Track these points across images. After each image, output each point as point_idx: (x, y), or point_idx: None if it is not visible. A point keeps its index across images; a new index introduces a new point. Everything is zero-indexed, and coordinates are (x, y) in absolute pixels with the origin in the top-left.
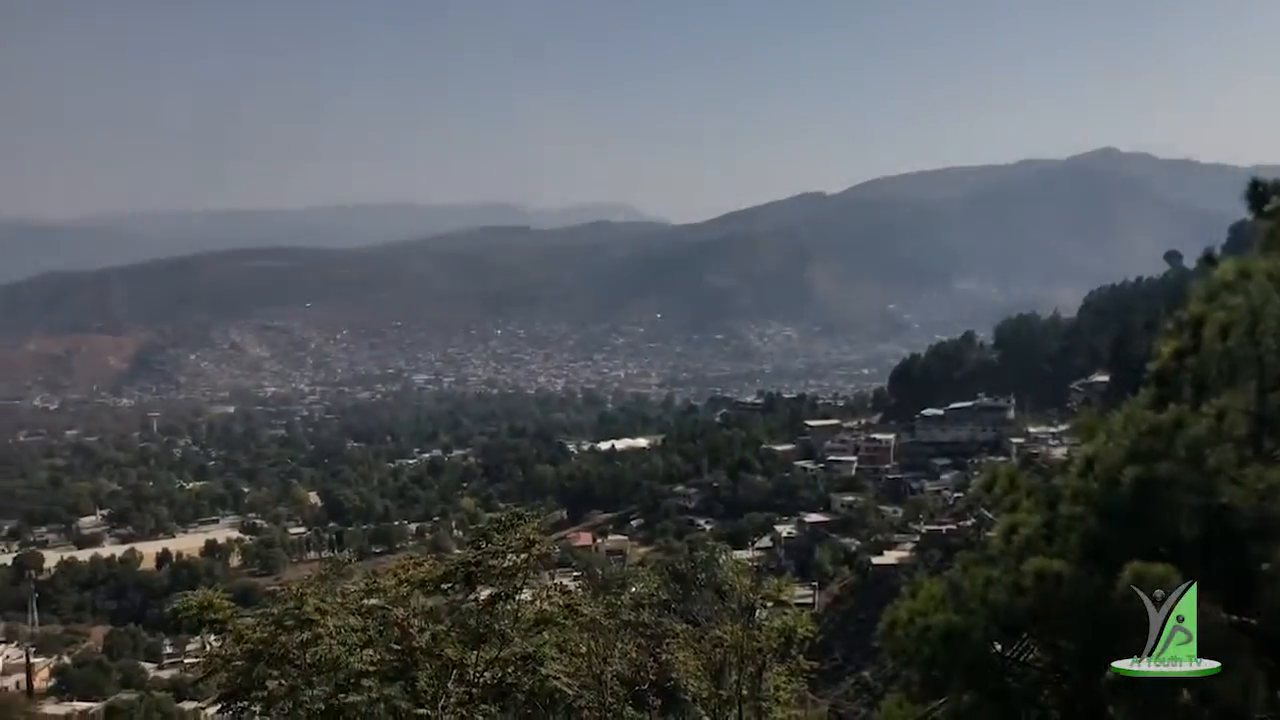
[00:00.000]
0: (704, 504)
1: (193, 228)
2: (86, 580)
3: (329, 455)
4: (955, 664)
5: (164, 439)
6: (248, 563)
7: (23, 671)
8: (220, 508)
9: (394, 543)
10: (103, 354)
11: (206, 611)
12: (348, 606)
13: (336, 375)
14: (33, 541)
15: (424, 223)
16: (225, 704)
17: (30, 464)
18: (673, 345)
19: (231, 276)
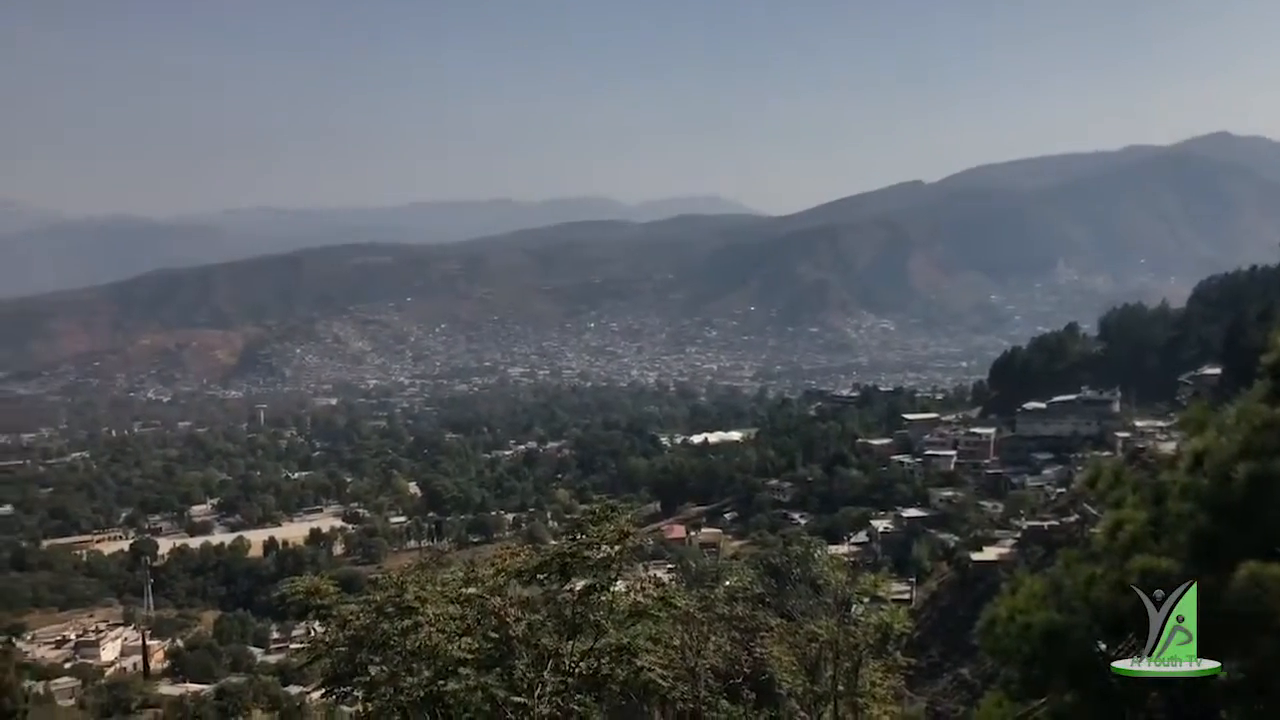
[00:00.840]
0: (798, 498)
1: (296, 225)
2: (198, 567)
3: (428, 446)
4: (1057, 663)
5: (271, 430)
6: (350, 551)
7: (140, 653)
8: (324, 497)
9: (491, 533)
10: (212, 348)
11: (312, 598)
12: (447, 595)
13: (435, 368)
14: (148, 529)
15: (518, 218)
16: (329, 689)
17: (145, 454)
18: (766, 338)
19: (334, 272)
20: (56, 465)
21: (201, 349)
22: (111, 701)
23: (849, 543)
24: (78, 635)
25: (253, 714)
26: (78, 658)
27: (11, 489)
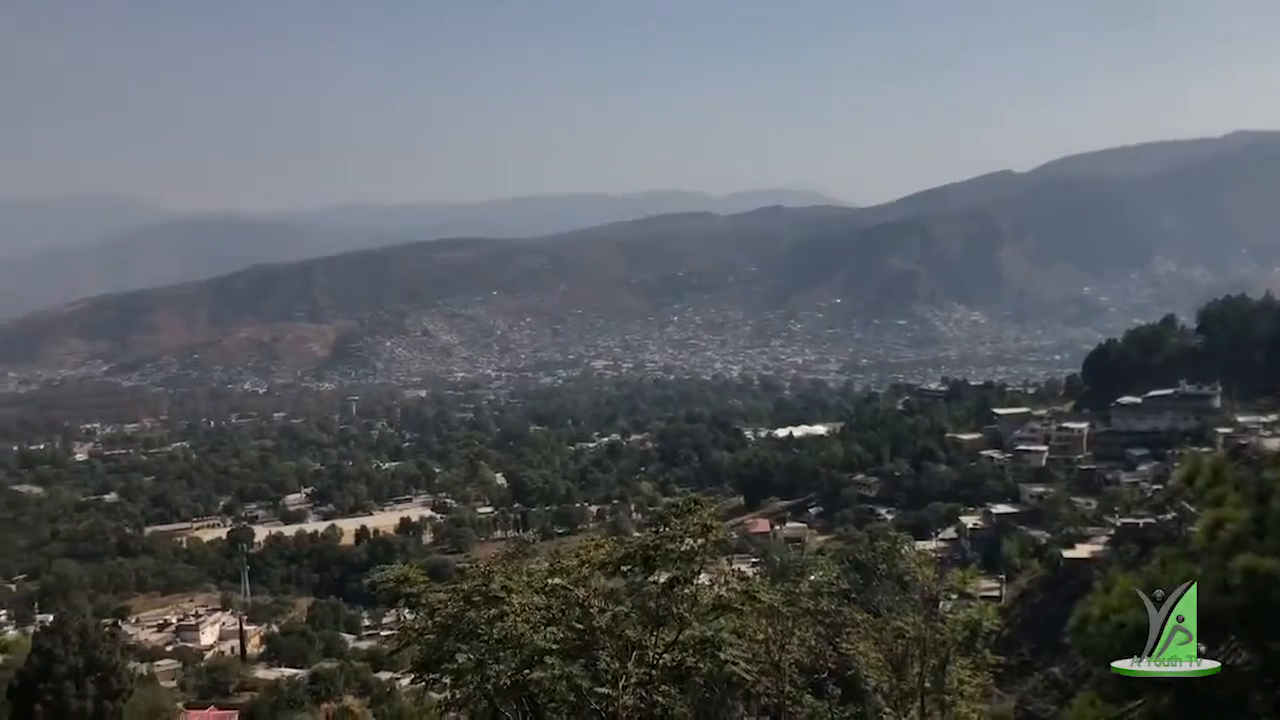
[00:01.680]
0: (885, 493)
1: (390, 221)
2: (292, 554)
3: (514, 438)
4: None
5: (362, 421)
6: (439, 540)
7: (237, 638)
8: (414, 487)
9: (575, 524)
10: (306, 341)
11: (402, 586)
12: (532, 585)
13: (521, 361)
14: (244, 517)
15: (607, 211)
16: (418, 675)
17: (242, 444)
18: (852, 331)
19: (423, 267)
20: (158, 454)
21: (296, 342)
22: (210, 684)
23: (937, 539)
24: (179, 619)
25: (344, 699)
26: (179, 641)
27: (116, 477)
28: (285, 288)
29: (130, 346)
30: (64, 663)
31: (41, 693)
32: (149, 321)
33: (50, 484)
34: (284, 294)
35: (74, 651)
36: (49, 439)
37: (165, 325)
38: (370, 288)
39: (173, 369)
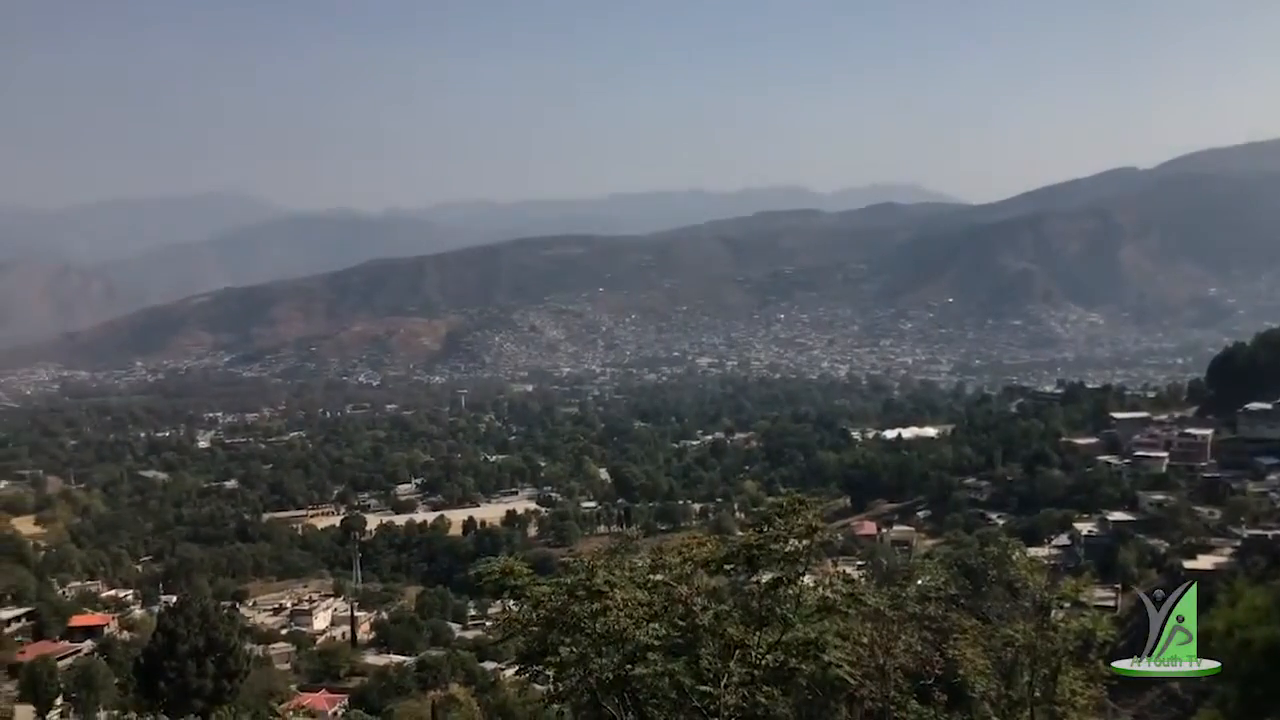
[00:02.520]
0: (996, 497)
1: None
2: (402, 543)
3: (618, 434)
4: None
5: (471, 414)
6: (543, 533)
7: (348, 623)
8: (520, 480)
9: (678, 521)
10: (418, 335)
11: (507, 578)
12: (635, 581)
13: (625, 357)
14: (357, 505)
15: (714, 208)
16: (522, 666)
17: (356, 434)
18: (965, 331)
19: (532, 263)
20: (276, 443)
21: (408, 336)
22: (322, 668)
23: (1049, 545)
24: (293, 604)
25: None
26: (293, 625)
27: (237, 464)
28: (399, 283)
29: (251, 339)
30: (186, 642)
31: (165, 670)
32: (269, 314)
33: (175, 470)
34: (397, 289)
35: (195, 632)
36: (174, 426)
37: (285, 318)
38: (480, 283)
39: (291, 361)
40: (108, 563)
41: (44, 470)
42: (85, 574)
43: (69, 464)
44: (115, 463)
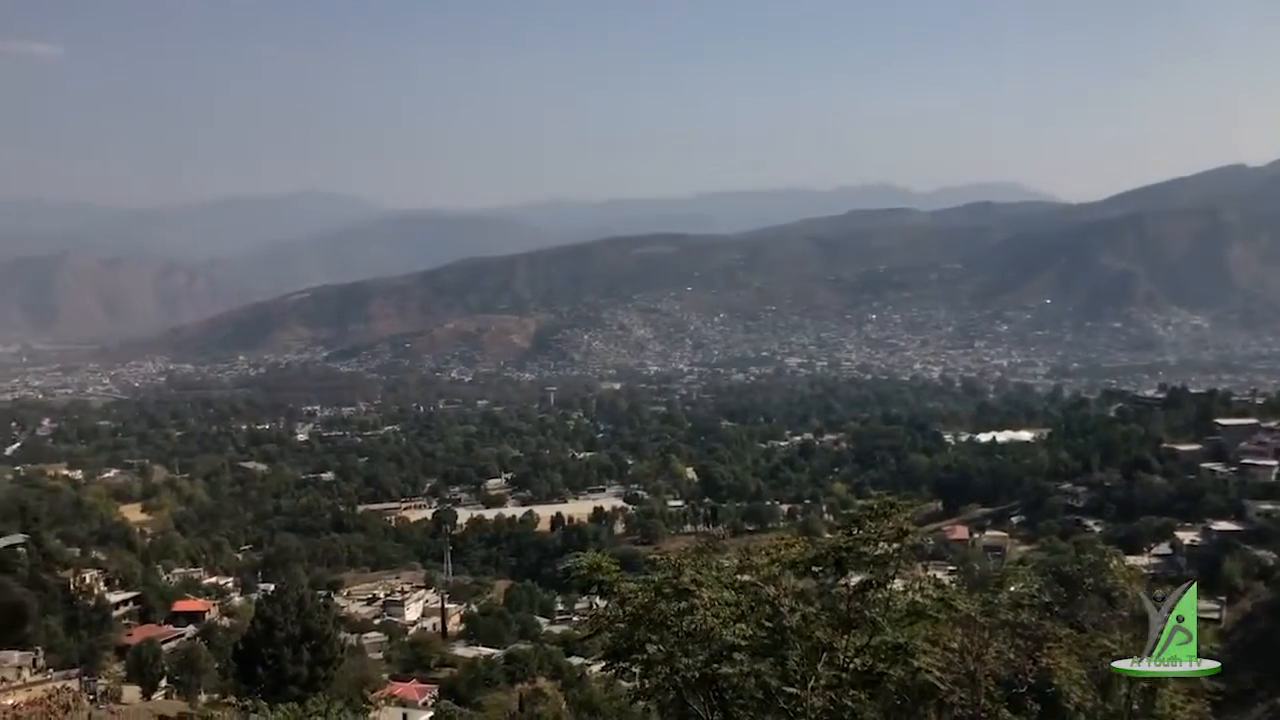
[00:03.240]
0: (1093, 504)
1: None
2: (491, 537)
3: (705, 433)
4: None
5: (559, 411)
6: (630, 530)
7: (439, 615)
8: (607, 477)
9: (765, 522)
10: (508, 333)
11: (594, 574)
12: (722, 580)
13: (713, 356)
14: (448, 499)
15: (806, 206)
16: (609, 663)
17: (448, 429)
18: (1062, 333)
19: (620, 262)
20: (371, 437)
21: (499, 333)
22: (413, 658)
23: (1149, 554)
24: (386, 594)
25: (538, 681)
26: (385, 615)
27: (333, 457)
28: (490, 281)
29: (348, 334)
30: (283, 630)
31: (263, 656)
32: (366, 311)
33: (274, 461)
34: (489, 287)
35: (292, 620)
36: (274, 419)
37: (380, 315)
38: (570, 282)
39: (386, 356)
40: (209, 550)
41: (150, 460)
42: (188, 561)
43: (174, 454)
44: (218, 453)
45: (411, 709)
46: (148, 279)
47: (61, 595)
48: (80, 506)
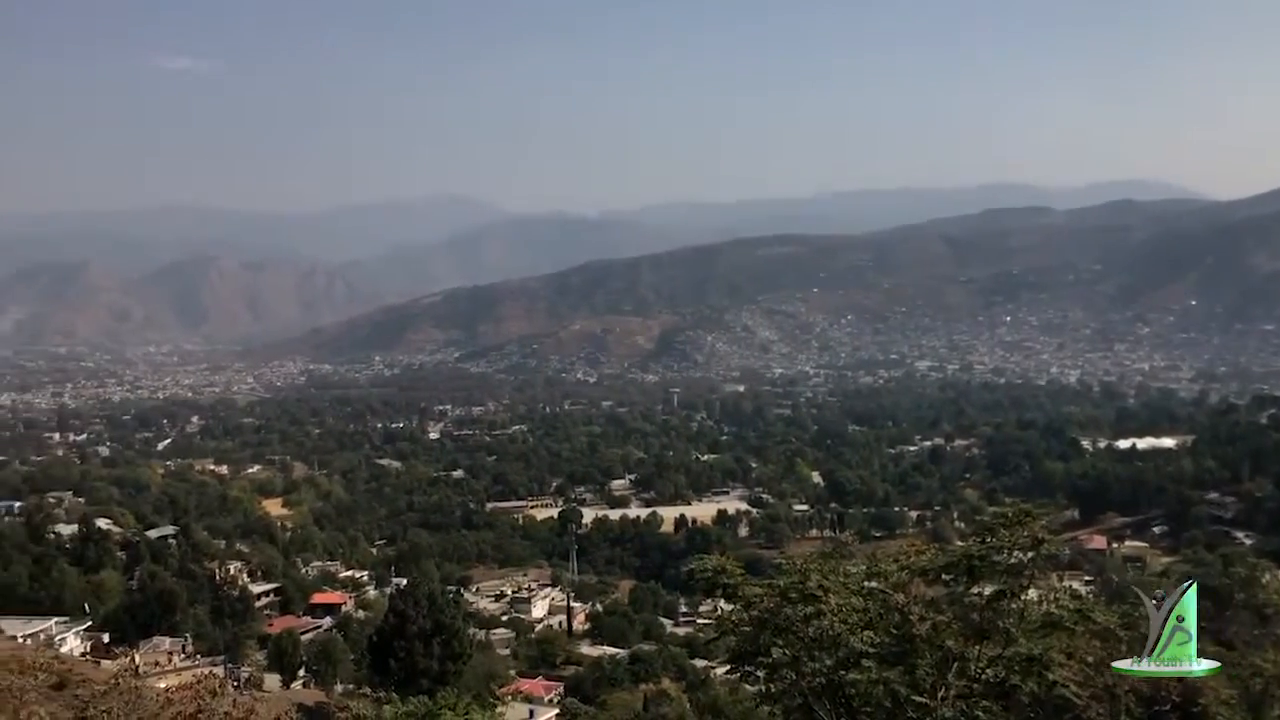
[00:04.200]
0: (1242, 515)
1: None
2: (616, 537)
3: (831, 436)
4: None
5: (683, 413)
6: (754, 534)
7: (565, 613)
8: (731, 480)
9: (893, 528)
10: (632, 334)
11: (719, 576)
12: (849, 586)
13: (840, 359)
14: (574, 498)
15: (932, 205)
16: (733, 666)
17: (573, 429)
18: (1209, 335)
19: (744, 263)
20: (500, 436)
21: (623, 335)
22: (539, 655)
23: None
24: (513, 591)
25: (662, 682)
26: (512, 612)
27: (463, 455)
28: (615, 283)
29: (478, 336)
30: (415, 624)
31: (396, 649)
32: (495, 313)
33: (407, 459)
34: (614, 289)
35: (423, 614)
36: (407, 418)
37: (509, 316)
38: (694, 283)
39: (514, 357)
40: (345, 545)
41: (291, 456)
42: (325, 554)
43: (313, 451)
44: (354, 451)
45: (538, 705)
46: (289, 282)
47: (208, 585)
48: (225, 500)
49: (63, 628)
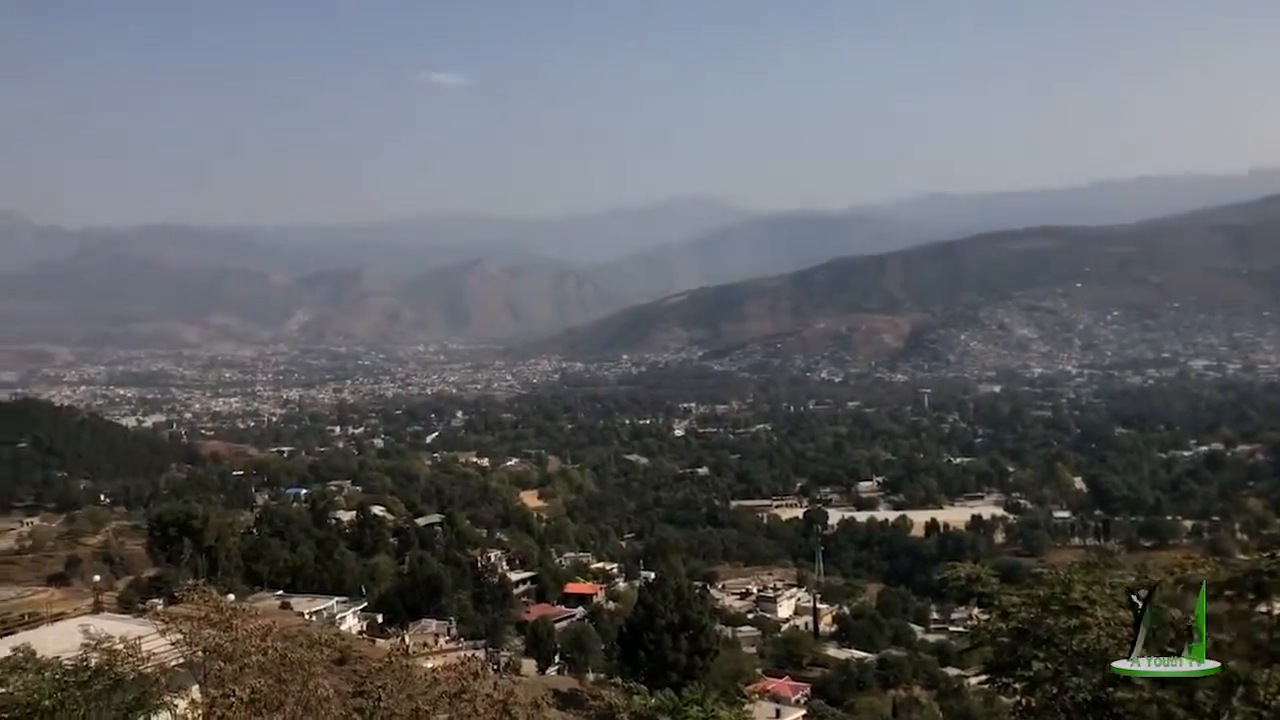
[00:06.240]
0: None
1: (962, 210)
2: (863, 540)
3: (1095, 440)
4: None
5: (934, 414)
6: (1010, 541)
7: (810, 615)
8: (985, 484)
9: (1165, 538)
10: (880, 332)
11: (974, 584)
12: (1116, 599)
13: (1105, 358)
14: (819, 499)
15: (1205, 193)
16: (989, 676)
17: (818, 429)
18: None
19: (1000, 258)
20: (743, 434)
21: (870, 333)
22: (785, 655)
23: None
24: (758, 590)
25: (912, 688)
26: (758, 610)
27: (707, 453)
28: (861, 280)
29: (722, 335)
30: (663, 617)
31: (645, 642)
32: (738, 312)
33: (654, 455)
34: (859, 286)
35: (671, 608)
36: (654, 415)
37: (752, 315)
38: (945, 279)
39: (757, 356)
40: (596, 537)
41: (546, 450)
42: (578, 546)
43: (566, 445)
44: (604, 446)
45: (784, 705)
46: (544, 285)
47: (470, 572)
48: (486, 491)
49: (342, 607)
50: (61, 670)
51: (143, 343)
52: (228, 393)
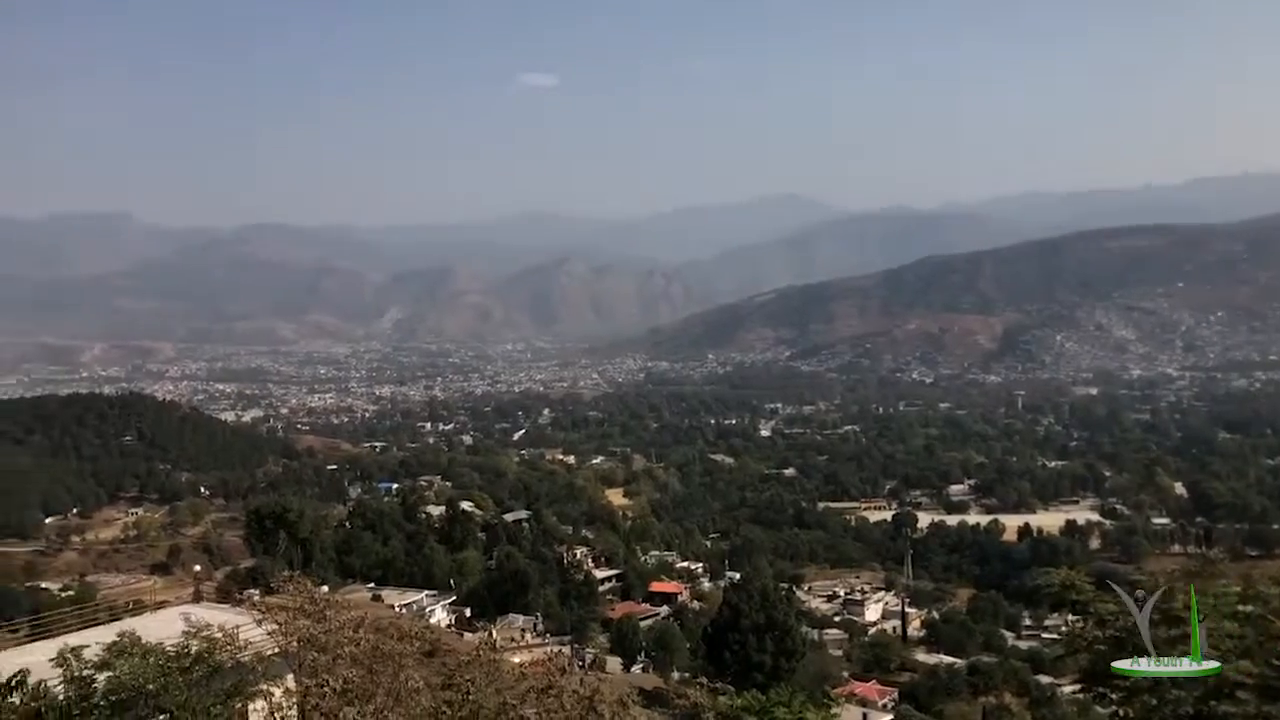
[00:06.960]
0: None
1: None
2: (954, 543)
3: (1197, 445)
4: None
5: (1028, 416)
6: (1106, 547)
7: (899, 618)
8: (1080, 488)
9: (1271, 547)
10: (973, 332)
11: (1068, 591)
12: (1220, 610)
13: (1208, 360)
14: (908, 502)
15: None
16: (1085, 685)
17: (908, 431)
18: None
19: (1097, 257)
20: (831, 435)
21: (962, 333)
22: (872, 658)
23: None
24: (845, 593)
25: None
26: (844, 613)
27: (794, 454)
28: (953, 279)
29: (809, 334)
30: (749, 618)
31: (730, 642)
32: (826, 312)
33: (739, 455)
34: (952, 285)
35: (756, 609)
36: (740, 415)
37: (841, 315)
38: (1040, 279)
39: (846, 356)
40: (681, 536)
41: (631, 448)
42: (662, 544)
43: (651, 444)
44: (689, 445)
45: (871, 710)
46: (630, 283)
47: (556, 568)
48: (572, 489)
49: (432, 600)
50: (164, 656)
51: (242, 339)
52: (323, 389)
